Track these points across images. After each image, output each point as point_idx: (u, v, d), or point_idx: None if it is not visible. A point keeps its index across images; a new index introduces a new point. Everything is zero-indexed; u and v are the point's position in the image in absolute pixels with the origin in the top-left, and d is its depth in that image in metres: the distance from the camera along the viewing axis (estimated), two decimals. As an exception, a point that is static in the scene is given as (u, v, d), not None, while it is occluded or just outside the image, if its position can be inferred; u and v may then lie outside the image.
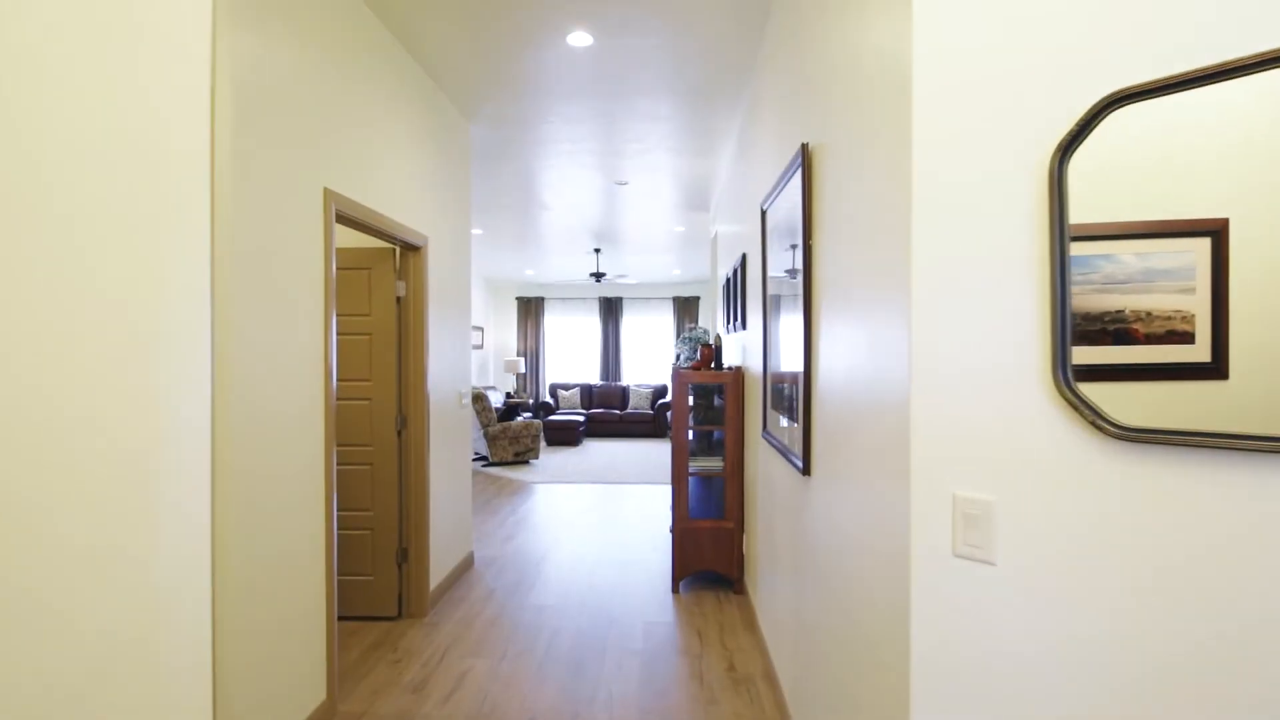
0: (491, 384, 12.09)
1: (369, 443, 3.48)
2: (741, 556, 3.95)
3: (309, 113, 2.46)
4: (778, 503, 2.75)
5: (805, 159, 2.09)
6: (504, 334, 12.33)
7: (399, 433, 3.53)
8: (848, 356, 1.67)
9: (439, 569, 3.79)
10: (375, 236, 3.15)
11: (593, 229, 8.58)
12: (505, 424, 8.29)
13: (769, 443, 2.90)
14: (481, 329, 11.47)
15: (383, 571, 3.48)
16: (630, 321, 12.14)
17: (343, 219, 2.77)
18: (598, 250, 9.80)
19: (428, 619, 3.49)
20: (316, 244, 2.50)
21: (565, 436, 10.08)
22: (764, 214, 2.98)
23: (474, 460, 8.72)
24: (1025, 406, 1.13)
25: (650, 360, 12.17)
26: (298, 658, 2.39)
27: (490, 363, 12.19)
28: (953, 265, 1.18)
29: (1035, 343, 1.12)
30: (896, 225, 1.29)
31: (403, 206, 3.32)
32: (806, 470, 2.12)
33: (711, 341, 6.08)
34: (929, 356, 1.20)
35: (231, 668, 2.03)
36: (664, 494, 6.70)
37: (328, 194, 2.56)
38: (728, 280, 4.96)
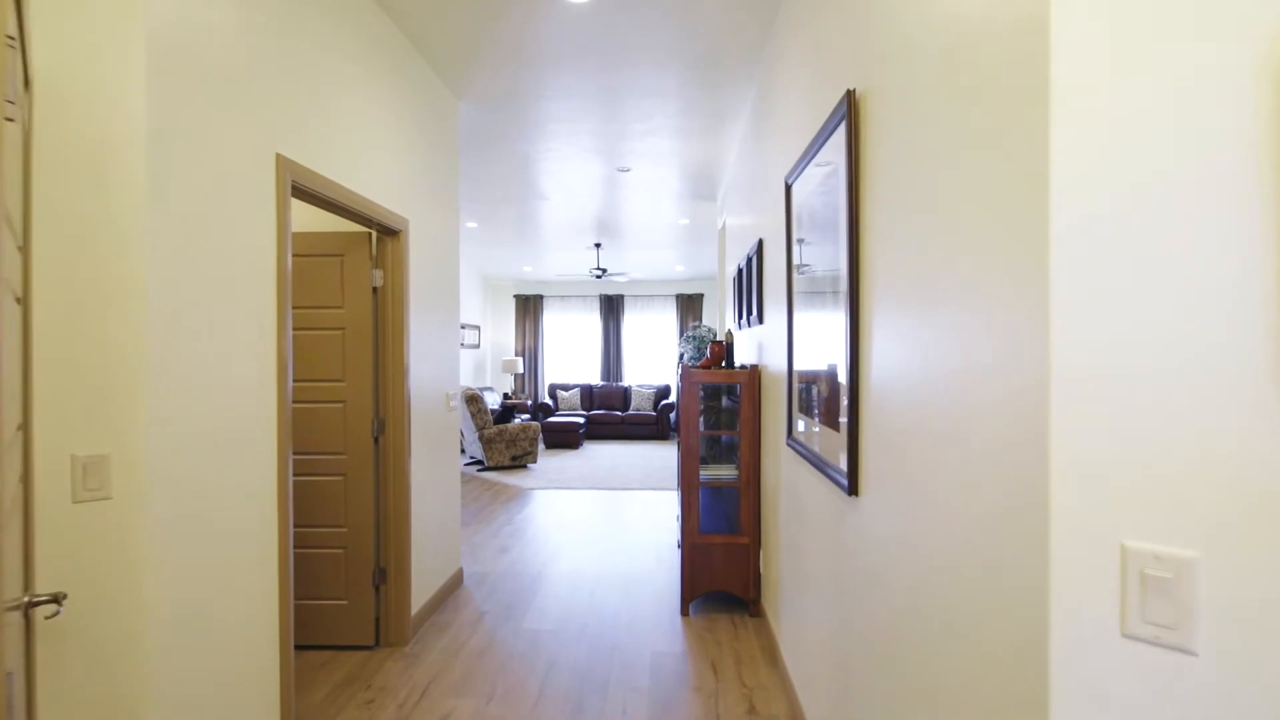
0: (489, 384, 11.71)
1: (342, 450, 3.11)
2: (758, 576, 3.57)
3: (258, 70, 2.08)
4: (809, 522, 2.37)
5: (851, 108, 1.71)
6: (502, 333, 11.96)
7: (376, 439, 3.15)
8: (920, 348, 1.29)
9: (422, 590, 3.41)
10: (347, 217, 2.77)
11: (593, 222, 8.21)
12: (501, 426, 7.92)
13: (795, 451, 2.52)
14: (478, 328, 11.11)
15: (358, 595, 3.10)
16: (632, 320, 11.77)
17: (303, 193, 2.39)
18: (598, 245, 9.43)
19: (408, 648, 3.11)
20: (267, 220, 2.12)
21: (565, 439, 9.70)
22: (789, 189, 2.60)
23: (469, 465, 8.35)
24: (1249, 421, 0.75)
25: (653, 360, 11.80)
26: (243, 701, 2.01)
27: (488, 362, 11.82)
28: (1121, 218, 0.80)
29: (1264, 329, 0.75)
30: (1017, 168, 0.91)
31: (379, 185, 2.94)
32: (853, 490, 1.74)
33: (721, 338, 5.69)
34: (1081, 348, 0.82)
35: (156, 710, 1.65)
36: (669, 500, 6.32)
37: (281, 162, 2.18)
38: (740, 271, 4.58)
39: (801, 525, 2.50)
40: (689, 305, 11.64)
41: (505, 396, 11.29)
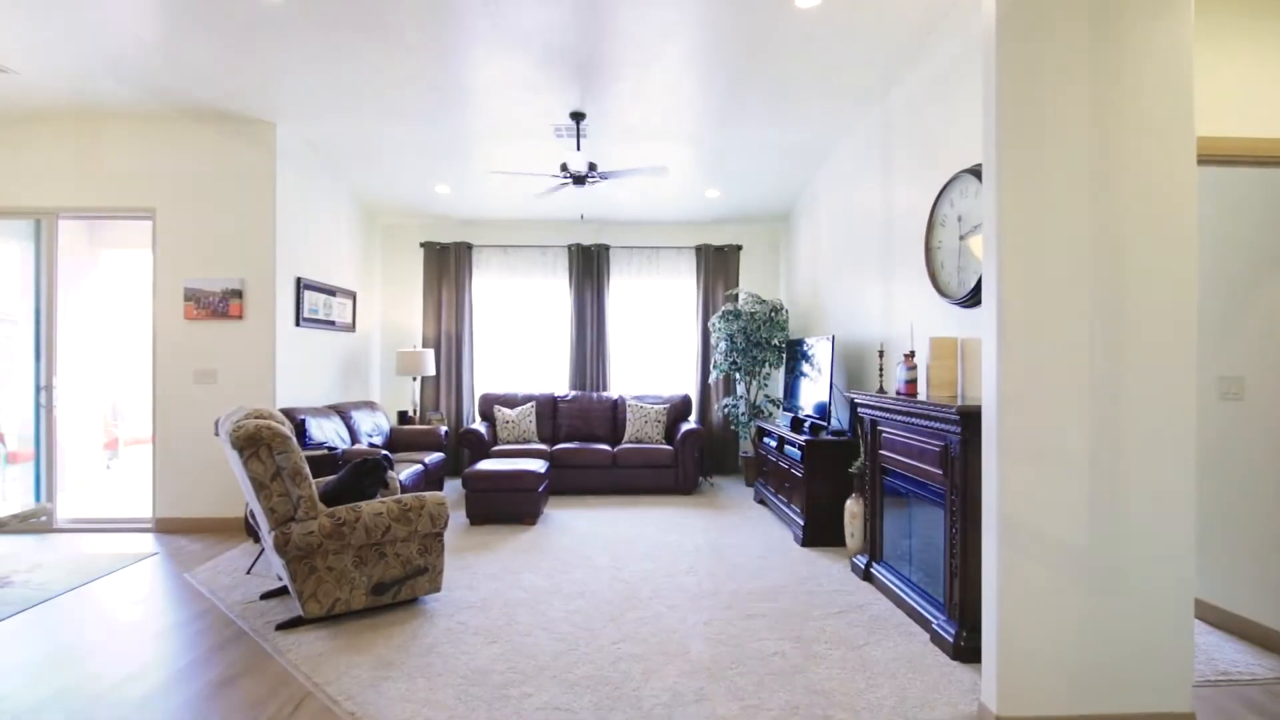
0: (369, 397, 6.80)
1: None
2: None
3: None
4: None
5: None
6: (398, 307, 7.04)
7: None
8: None
9: None
10: None
11: (570, 58, 3.52)
12: (355, 507, 3.08)
13: None
14: (352, 296, 6.19)
15: None
16: (623, 287, 7.07)
17: None
18: (578, 118, 4.70)
19: None
20: None
21: (507, 506, 4.91)
22: None
23: (264, 598, 3.45)
24: None
25: (660, 354, 7.12)
26: None
27: (372, 357, 6.87)
28: None
29: None
30: None
31: None
32: None
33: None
34: None
35: None
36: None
37: None
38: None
39: None
40: (718, 263, 7.03)
41: (402, 418, 6.38)
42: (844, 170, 5.20)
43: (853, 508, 4.00)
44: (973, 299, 3.26)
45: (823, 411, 4.60)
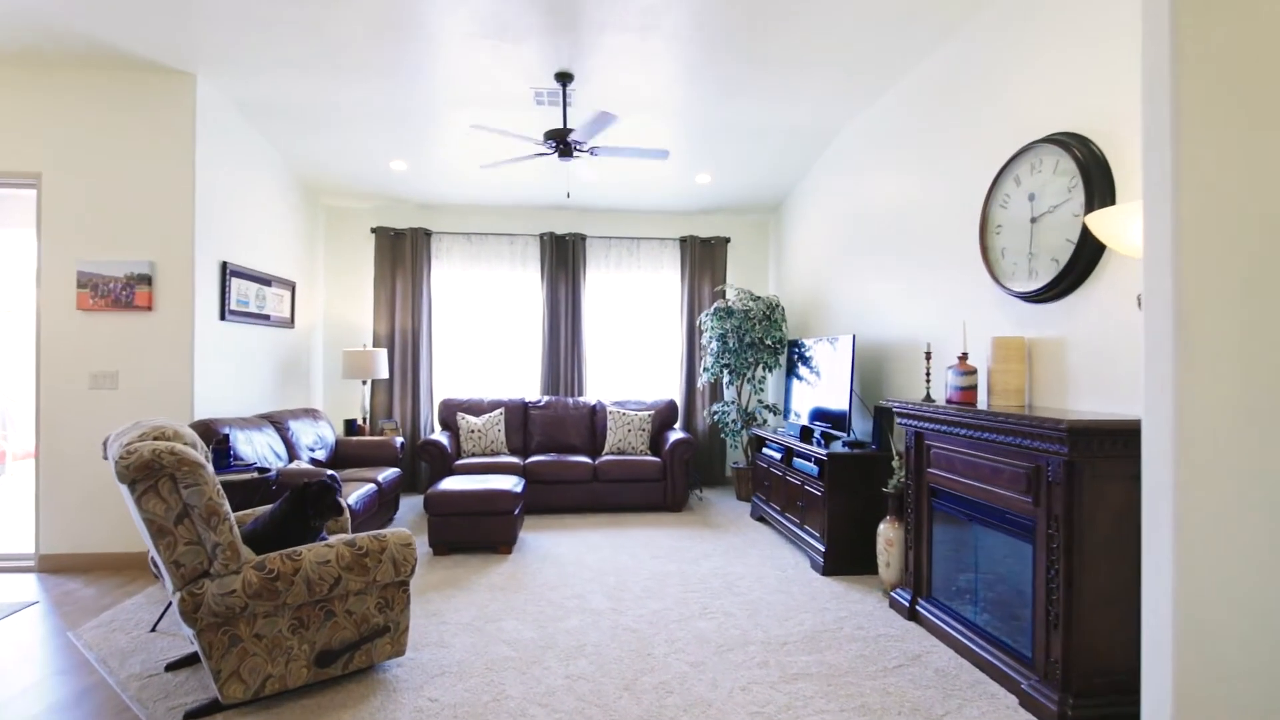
0: (310, 404, 5.96)
1: None
2: None
3: None
4: None
5: None
6: (343, 301, 6.22)
7: None
8: None
9: None
10: None
11: (557, 7, 2.88)
12: (293, 554, 2.35)
13: None
14: (291, 286, 5.36)
15: None
16: (599, 280, 6.42)
17: None
18: (564, 81, 4.05)
19: None
20: None
21: (478, 531, 4.20)
22: None
23: (171, 669, 2.67)
24: None
25: (641, 356, 6.50)
26: None
27: (314, 358, 6.04)
28: None
29: None
30: None
31: None
32: None
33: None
34: None
35: None
36: None
37: None
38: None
39: None
40: (706, 257, 6.46)
41: (351, 427, 5.58)
42: (853, 154, 4.69)
43: (888, 533, 3.47)
44: (1047, 292, 2.76)
45: (841, 420, 4.08)
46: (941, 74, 3.61)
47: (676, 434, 5.53)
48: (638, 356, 6.47)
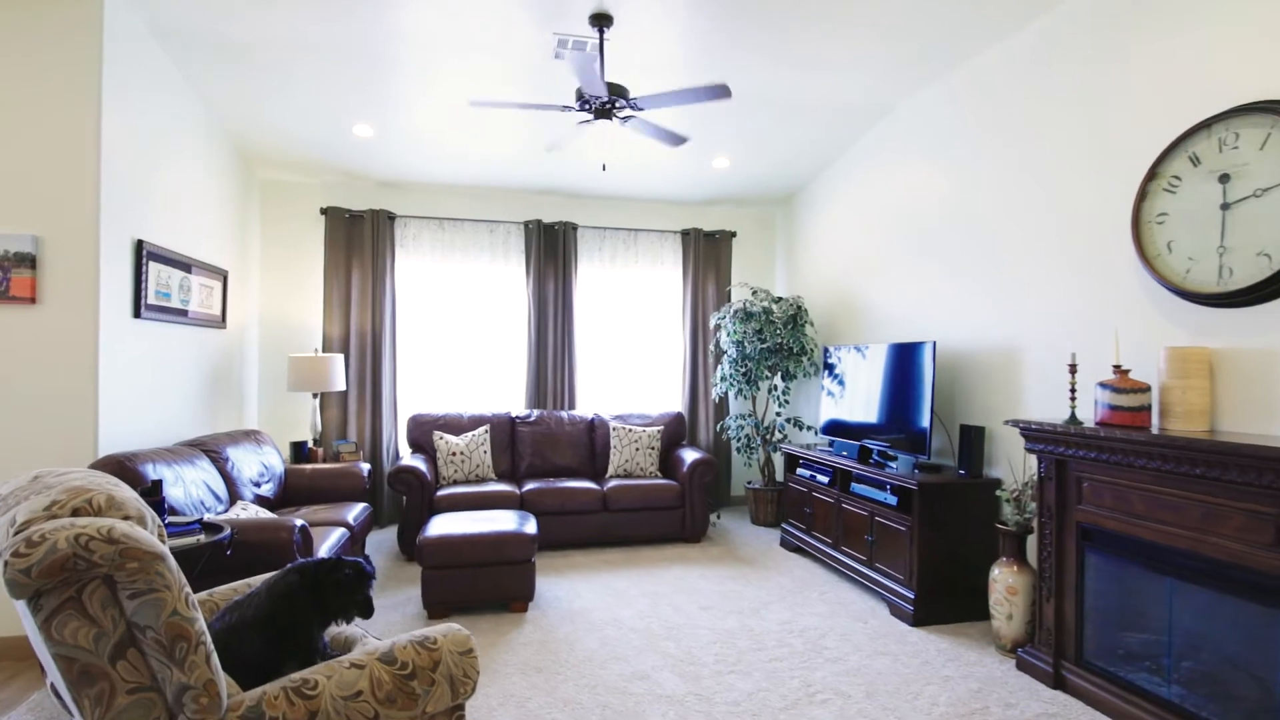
0: (247, 423, 4.87)
1: None
2: None
3: None
4: None
5: None
6: (286, 295, 5.14)
7: None
8: None
9: None
10: None
11: None
12: (305, 686, 1.49)
13: None
14: (221, 276, 4.28)
15: None
16: (592, 276, 5.64)
17: None
18: (601, 26, 3.29)
19: None
20: None
21: (483, 586, 3.35)
22: None
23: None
24: None
25: (640, 364, 5.75)
26: None
27: (248, 366, 4.95)
28: None
29: None
30: None
31: None
32: None
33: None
34: None
35: None
36: None
37: None
38: None
39: None
40: (710, 253, 5.79)
41: (299, 451, 4.54)
42: (905, 139, 4.16)
43: (1007, 578, 2.92)
44: (1250, 295, 2.27)
45: (921, 440, 3.51)
46: (1066, 32, 3.09)
47: (691, 453, 4.83)
48: (636, 363, 5.73)
